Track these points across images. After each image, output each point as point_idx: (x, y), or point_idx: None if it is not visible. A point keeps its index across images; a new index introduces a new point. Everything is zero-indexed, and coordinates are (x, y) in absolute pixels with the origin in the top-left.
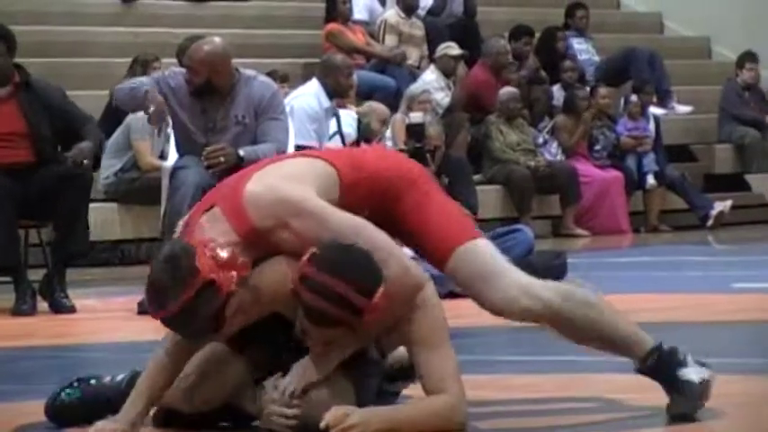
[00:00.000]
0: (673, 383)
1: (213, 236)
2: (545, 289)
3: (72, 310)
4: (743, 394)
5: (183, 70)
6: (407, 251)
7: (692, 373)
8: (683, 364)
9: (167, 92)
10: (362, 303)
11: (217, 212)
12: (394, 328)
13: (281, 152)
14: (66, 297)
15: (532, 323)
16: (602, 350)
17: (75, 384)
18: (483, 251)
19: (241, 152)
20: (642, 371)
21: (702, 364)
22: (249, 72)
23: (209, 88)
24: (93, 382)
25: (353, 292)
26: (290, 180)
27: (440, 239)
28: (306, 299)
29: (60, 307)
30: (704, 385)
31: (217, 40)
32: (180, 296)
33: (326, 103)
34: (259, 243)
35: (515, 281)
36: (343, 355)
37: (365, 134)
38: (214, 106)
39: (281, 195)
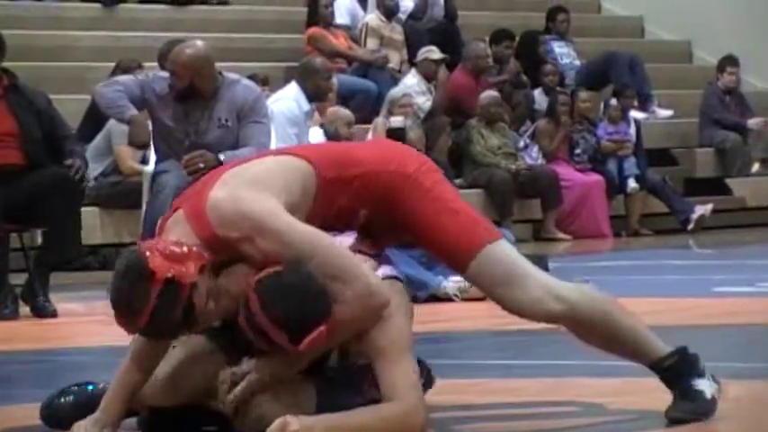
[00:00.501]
0: (684, 390)
1: (174, 238)
2: (568, 290)
3: (54, 314)
4: (739, 398)
5: (167, 74)
6: (388, 270)
7: (705, 386)
8: (701, 374)
9: (151, 96)
10: (285, 344)
11: (180, 215)
12: (358, 338)
13: None
14: (48, 301)
15: (552, 324)
16: (615, 353)
17: (73, 389)
18: (502, 254)
19: (221, 157)
20: (657, 369)
21: (716, 381)
22: (232, 75)
23: (193, 92)
24: (90, 387)
25: (280, 333)
26: (254, 187)
27: (455, 245)
28: (240, 319)
29: (42, 311)
30: (712, 402)
31: (199, 43)
32: (145, 305)
33: (306, 106)
34: (220, 248)
35: (538, 282)
36: (300, 365)
37: (336, 141)
38: (197, 110)
39: (244, 210)
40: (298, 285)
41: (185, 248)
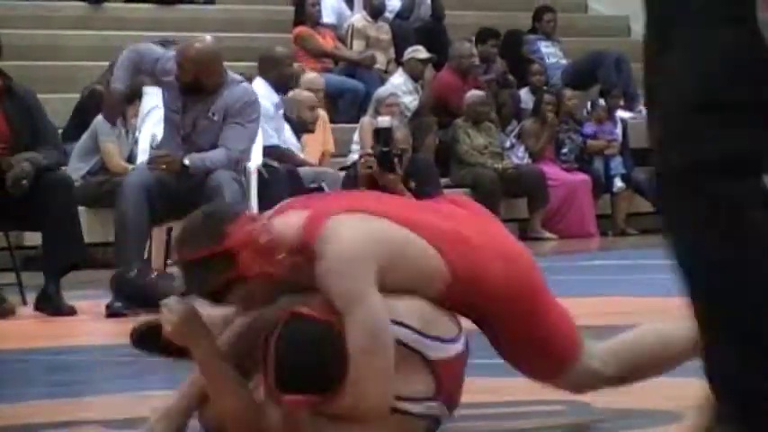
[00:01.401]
0: None
1: (279, 228)
2: (603, 366)
3: (72, 310)
4: None
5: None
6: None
7: None
8: None
9: (161, 74)
10: (271, 381)
11: (304, 211)
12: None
13: (233, 161)
14: (63, 301)
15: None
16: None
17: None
18: (580, 368)
19: (186, 161)
20: None
21: None
22: (237, 76)
23: (197, 86)
24: None
25: (270, 369)
26: (372, 238)
27: (540, 370)
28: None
29: (62, 310)
30: None
31: (209, 39)
32: (197, 249)
33: (275, 98)
34: (303, 260)
35: (585, 369)
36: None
37: (302, 127)
38: (198, 103)
39: (341, 246)
40: (321, 344)
41: (272, 246)
